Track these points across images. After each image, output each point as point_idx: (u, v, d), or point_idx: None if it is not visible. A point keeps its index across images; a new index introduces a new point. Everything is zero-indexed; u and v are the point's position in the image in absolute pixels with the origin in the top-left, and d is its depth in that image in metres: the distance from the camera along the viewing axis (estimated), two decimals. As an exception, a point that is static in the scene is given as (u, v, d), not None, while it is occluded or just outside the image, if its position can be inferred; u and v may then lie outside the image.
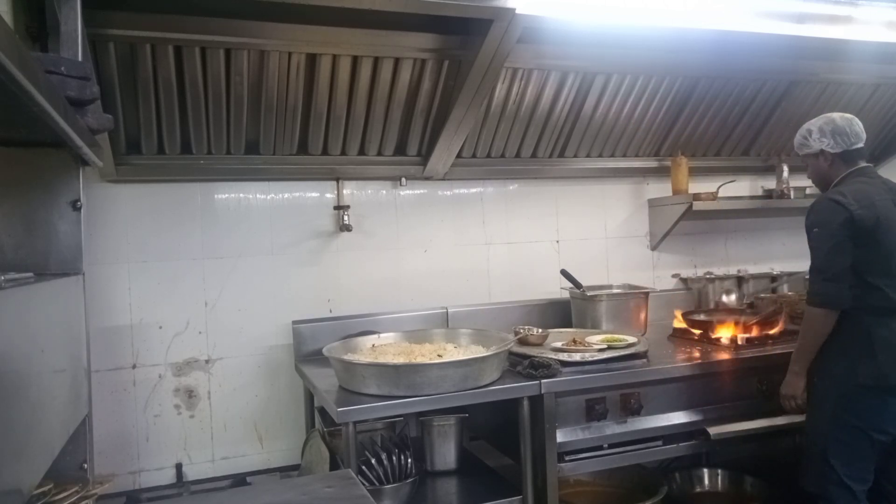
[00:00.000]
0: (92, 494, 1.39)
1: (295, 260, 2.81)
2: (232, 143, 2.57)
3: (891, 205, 2.21)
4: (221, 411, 2.69)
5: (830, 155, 2.30)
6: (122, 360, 2.57)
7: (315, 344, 2.63)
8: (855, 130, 2.30)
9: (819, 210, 2.24)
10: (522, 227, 3.18)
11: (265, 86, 2.40)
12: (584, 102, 2.94)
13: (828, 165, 2.32)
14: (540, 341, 2.58)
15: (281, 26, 2.26)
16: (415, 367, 2.06)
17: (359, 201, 2.89)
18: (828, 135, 2.30)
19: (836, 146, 2.29)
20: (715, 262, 3.53)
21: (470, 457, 2.56)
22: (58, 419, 1.19)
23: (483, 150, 2.99)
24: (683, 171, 3.22)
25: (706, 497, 2.93)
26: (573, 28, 2.45)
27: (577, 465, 2.25)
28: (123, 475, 2.54)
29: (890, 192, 2.25)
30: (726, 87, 3.12)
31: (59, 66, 1.18)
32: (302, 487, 1.49)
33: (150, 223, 2.62)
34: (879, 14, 2.78)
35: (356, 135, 2.70)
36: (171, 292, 2.64)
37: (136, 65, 2.22)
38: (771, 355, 2.46)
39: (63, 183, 1.46)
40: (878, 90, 3.38)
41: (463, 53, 2.49)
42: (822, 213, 2.22)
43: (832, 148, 2.29)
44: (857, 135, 2.30)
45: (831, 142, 2.29)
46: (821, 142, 2.31)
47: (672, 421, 2.35)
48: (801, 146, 2.39)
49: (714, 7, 2.52)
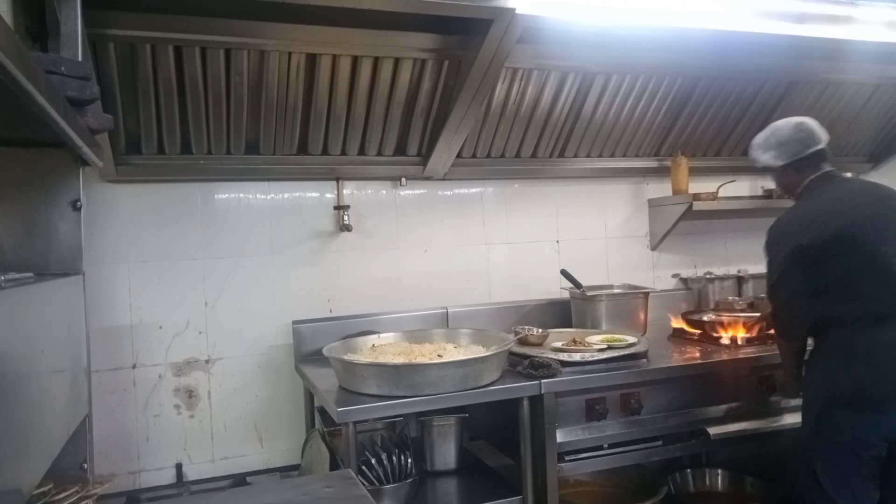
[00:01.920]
0: (92, 494, 1.39)
1: (295, 260, 2.81)
2: (232, 143, 2.57)
3: (864, 209, 2.08)
4: (221, 411, 2.69)
5: (779, 167, 2.23)
6: (122, 360, 2.57)
7: (315, 344, 2.63)
8: (801, 137, 2.19)
9: (768, 237, 2.17)
10: (522, 227, 3.18)
11: (265, 86, 2.40)
12: (584, 102, 2.94)
13: (781, 177, 2.25)
14: (540, 341, 2.58)
15: (281, 26, 2.26)
16: (415, 367, 2.06)
17: (359, 201, 2.89)
18: (769, 147, 2.23)
19: (780, 158, 2.21)
20: (715, 262, 3.53)
21: (470, 457, 2.56)
22: (58, 419, 1.19)
23: (483, 150, 2.99)
24: (683, 171, 3.22)
25: (706, 497, 2.93)
26: (573, 28, 2.45)
27: (577, 465, 2.25)
28: (123, 475, 2.54)
29: (863, 195, 2.15)
30: (726, 87, 3.12)
31: (59, 66, 1.18)
32: (302, 487, 1.49)
33: (150, 223, 2.62)
34: (879, 14, 2.78)
35: (356, 135, 2.70)
36: (170, 292, 2.64)
37: (136, 65, 2.22)
38: (771, 355, 2.45)
39: (63, 183, 1.46)
40: (878, 90, 3.38)
41: (463, 53, 2.49)
42: (770, 244, 2.16)
43: (776, 160, 2.21)
44: (804, 141, 2.19)
45: (774, 153, 2.21)
46: (764, 155, 2.24)
47: (672, 421, 2.35)
48: (752, 161, 2.31)
49: (714, 7, 2.52)
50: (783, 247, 2.09)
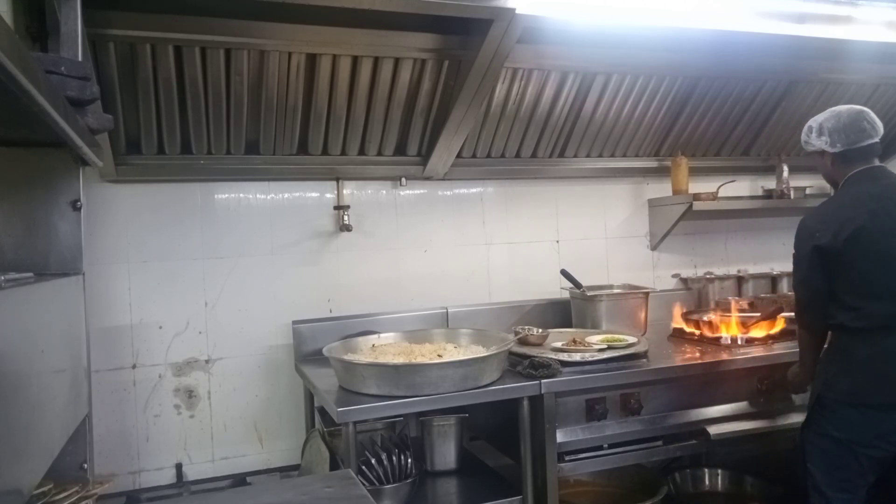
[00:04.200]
0: (92, 494, 1.39)
1: (295, 260, 2.81)
2: (232, 143, 2.57)
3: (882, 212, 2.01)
4: (221, 411, 2.69)
5: (830, 155, 2.12)
6: (122, 360, 2.57)
7: (315, 344, 2.63)
8: (862, 126, 2.09)
9: (797, 233, 2.14)
10: (522, 227, 3.18)
11: (265, 86, 2.40)
12: (584, 102, 2.94)
13: (830, 165, 2.15)
14: (540, 341, 2.58)
15: (281, 26, 2.26)
16: (415, 367, 2.06)
17: (359, 201, 2.89)
18: (826, 132, 2.11)
19: (836, 145, 2.10)
20: (715, 262, 3.53)
21: (470, 457, 2.55)
22: (58, 419, 1.19)
23: (483, 150, 2.99)
24: (683, 171, 3.22)
25: (706, 497, 2.93)
26: (573, 28, 2.45)
27: (577, 465, 2.25)
28: (123, 475, 2.54)
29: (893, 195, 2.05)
30: (726, 87, 3.12)
31: (59, 66, 1.18)
32: (302, 487, 1.49)
33: (150, 223, 2.62)
34: (879, 14, 2.78)
35: (356, 135, 2.70)
36: (170, 292, 2.64)
37: (136, 65, 2.22)
38: (771, 355, 2.46)
39: (63, 183, 1.46)
40: (878, 90, 3.38)
41: (463, 53, 2.49)
42: (797, 238, 2.13)
43: (831, 147, 2.11)
44: (865, 131, 2.08)
45: (829, 140, 2.11)
46: (819, 140, 2.14)
47: (672, 421, 2.35)
48: (804, 143, 2.22)
49: (714, 7, 2.52)
50: (808, 241, 2.06)
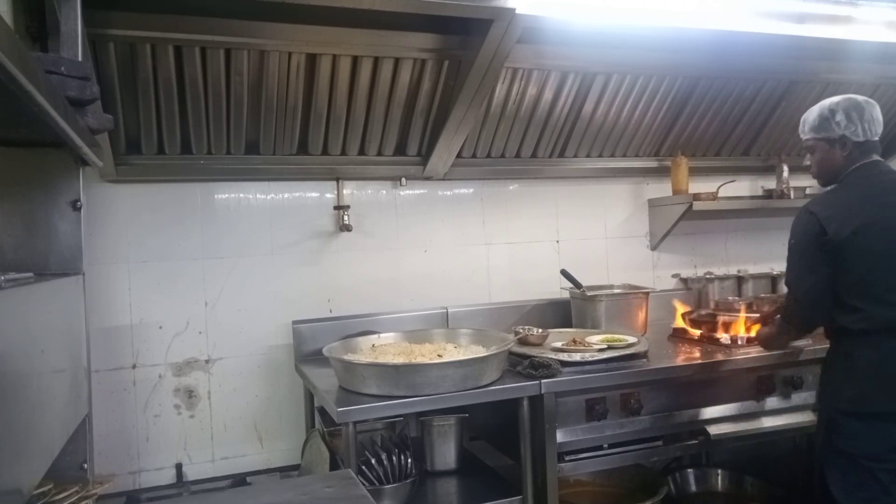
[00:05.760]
0: (92, 494, 1.39)
1: (295, 260, 2.81)
2: (232, 143, 2.57)
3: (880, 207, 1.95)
4: (221, 411, 2.69)
5: (851, 143, 1.99)
6: (122, 360, 2.57)
7: (315, 344, 2.63)
8: (878, 117, 2.01)
9: (795, 222, 2.04)
10: (522, 227, 3.18)
11: (265, 86, 2.40)
12: (584, 102, 2.94)
13: (844, 156, 2.02)
14: (540, 341, 2.58)
15: (281, 26, 2.26)
16: (415, 367, 2.06)
17: (359, 201, 2.89)
18: (855, 120, 1.98)
19: (861, 134, 1.97)
20: (715, 262, 3.53)
21: (470, 457, 2.55)
22: (58, 419, 1.19)
23: (483, 150, 2.99)
24: (683, 171, 3.22)
25: (706, 497, 2.93)
26: (573, 28, 2.45)
27: (577, 465, 2.25)
28: (123, 475, 2.54)
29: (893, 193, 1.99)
30: (726, 87, 3.12)
31: (59, 66, 1.18)
32: (302, 487, 1.49)
33: (150, 223, 2.62)
34: (879, 14, 2.78)
35: (356, 135, 2.70)
36: (170, 292, 2.64)
37: (136, 65, 2.22)
38: (771, 355, 2.45)
39: (63, 183, 1.46)
40: (878, 90, 3.38)
41: (463, 53, 2.49)
42: (797, 227, 2.03)
43: (856, 136, 1.98)
44: (880, 123, 2.02)
45: (858, 128, 1.98)
46: (847, 127, 1.99)
47: (672, 421, 2.35)
48: (818, 128, 2.05)
49: (714, 7, 2.52)
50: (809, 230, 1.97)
